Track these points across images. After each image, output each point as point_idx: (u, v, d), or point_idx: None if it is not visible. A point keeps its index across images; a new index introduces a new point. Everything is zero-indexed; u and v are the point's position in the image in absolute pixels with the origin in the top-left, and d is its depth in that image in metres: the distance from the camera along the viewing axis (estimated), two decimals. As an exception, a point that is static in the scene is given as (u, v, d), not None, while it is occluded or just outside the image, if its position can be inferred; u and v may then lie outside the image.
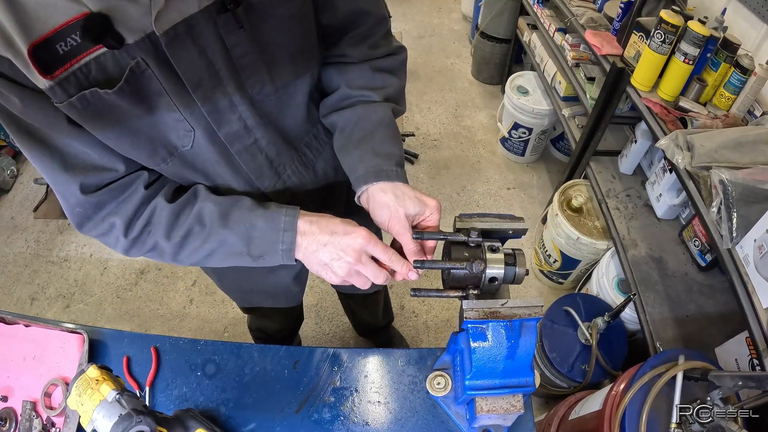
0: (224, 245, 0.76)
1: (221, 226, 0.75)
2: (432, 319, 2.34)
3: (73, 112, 0.62)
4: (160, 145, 0.73)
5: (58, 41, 0.56)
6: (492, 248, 0.76)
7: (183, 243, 0.76)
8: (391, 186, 0.78)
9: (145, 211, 0.76)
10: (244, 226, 0.75)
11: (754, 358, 1.25)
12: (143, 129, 0.69)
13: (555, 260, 2.27)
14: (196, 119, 0.71)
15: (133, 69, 0.61)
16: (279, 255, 0.75)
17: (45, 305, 2.41)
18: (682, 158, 1.41)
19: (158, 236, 0.76)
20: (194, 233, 0.76)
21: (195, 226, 0.76)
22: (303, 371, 1.00)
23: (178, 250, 0.77)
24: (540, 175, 3.04)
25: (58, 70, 0.58)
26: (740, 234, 1.21)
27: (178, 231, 0.76)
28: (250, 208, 0.77)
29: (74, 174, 0.70)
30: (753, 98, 1.51)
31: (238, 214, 0.76)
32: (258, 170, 0.84)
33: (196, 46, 0.64)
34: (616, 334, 1.71)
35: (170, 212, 0.76)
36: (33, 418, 0.96)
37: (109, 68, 0.61)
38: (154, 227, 0.76)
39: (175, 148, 0.74)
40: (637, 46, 1.76)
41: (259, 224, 0.75)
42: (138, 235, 0.76)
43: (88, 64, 0.59)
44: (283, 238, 0.74)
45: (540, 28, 2.70)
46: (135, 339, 1.04)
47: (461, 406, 0.92)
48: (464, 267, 0.75)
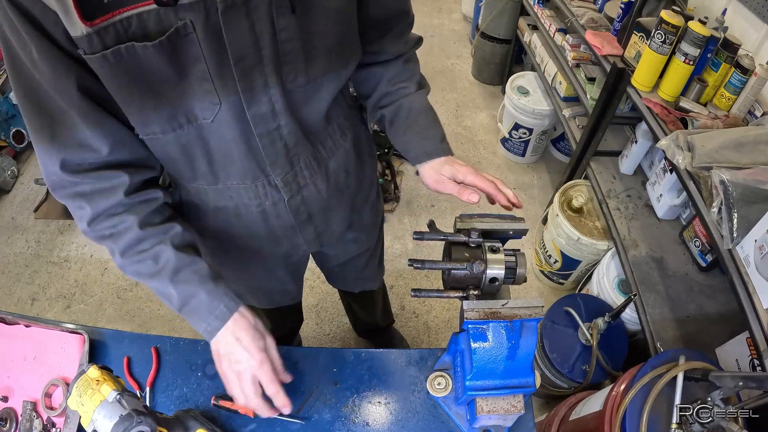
0: (165, 291, 0.78)
1: (169, 278, 0.77)
2: (432, 319, 2.34)
3: (102, 66, 0.62)
4: (181, 111, 0.71)
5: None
6: (492, 249, 0.76)
7: (133, 265, 0.79)
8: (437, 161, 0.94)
9: (114, 219, 0.78)
10: (187, 291, 0.77)
11: (755, 359, 1.25)
12: (168, 93, 0.68)
13: (555, 261, 2.27)
14: (227, 93, 0.71)
15: (178, 29, 0.61)
16: (202, 328, 0.78)
17: (45, 305, 2.41)
18: (682, 158, 1.41)
19: (116, 247, 0.78)
20: (146, 265, 0.78)
21: (149, 261, 0.78)
22: (303, 372, 1.00)
23: (126, 265, 0.80)
24: (540, 175, 3.04)
25: (98, 18, 0.58)
26: (741, 234, 1.20)
27: (134, 256, 0.78)
28: (202, 278, 0.78)
29: (59, 148, 0.70)
30: (753, 98, 1.51)
31: (188, 275, 0.78)
32: (274, 156, 0.84)
33: (248, 20, 0.65)
34: (616, 335, 1.71)
35: (134, 237, 0.78)
36: (33, 418, 0.96)
37: (151, 26, 0.60)
38: (116, 238, 0.78)
39: (195, 117, 0.73)
40: (638, 46, 1.76)
41: (201, 298, 0.77)
42: (99, 232, 0.78)
43: (129, 18, 0.59)
44: (211, 321, 0.77)
45: (540, 29, 2.70)
46: (135, 339, 1.04)
47: (462, 407, 0.92)
48: (465, 267, 0.75)
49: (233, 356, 0.77)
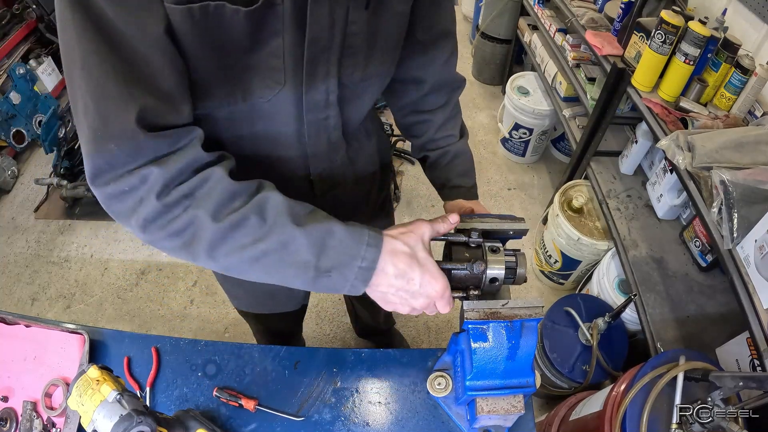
0: (286, 248, 0.61)
1: (291, 223, 0.61)
2: (432, 319, 2.34)
3: (184, 21, 0.56)
4: (241, 86, 0.67)
5: None
6: (493, 249, 0.76)
7: (230, 232, 0.60)
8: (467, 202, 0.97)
9: (194, 178, 0.60)
10: (319, 230, 0.62)
11: (755, 359, 1.25)
12: (236, 64, 0.64)
13: (556, 261, 2.27)
14: (293, 74, 0.68)
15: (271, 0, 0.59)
16: (353, 272, 0.64)
17: (46, 305, 2.41)
18: (682, 159, 1.41)
19: (201, 211, 0.59)
20: (249, 224, 0.60)
21: (252, 216, 0.61)
22: (304, 372, 1.00)
23: (220, 240, 0.60)
24: (540, 175, 3.04)
25: None
26: (741, 234, 1.20)
27: (231, 214, 0.60)
28: (326, 215, 0.66)
29: (136, 92, 0.56)
30: (754, 98, 1.51)
31: (311, 216, 0.64)
32: (316, 148, 0.83)
33: (330, 5, 0.64)
34: (616, 335, 1.71)
35: (226, 188, 0.61)
36: (33, 418, 0.96)
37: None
38: (199, 201, 0.60)
39: (252, 95, 0.69)
40: (638, 46, 1.76)
41: (338, 232, 0.63)
42: (174, 202, 0.59)
43: None
44: (365, 254, 0.63)
45: (540, 29, 2.69)
46: (135, 339, 1.04)
47: (462, 407, 0.92)
48: (465, 268, 0.75)
49: (412, 283, 0.67)
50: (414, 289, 0.68)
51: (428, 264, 0.68)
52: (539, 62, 2.73)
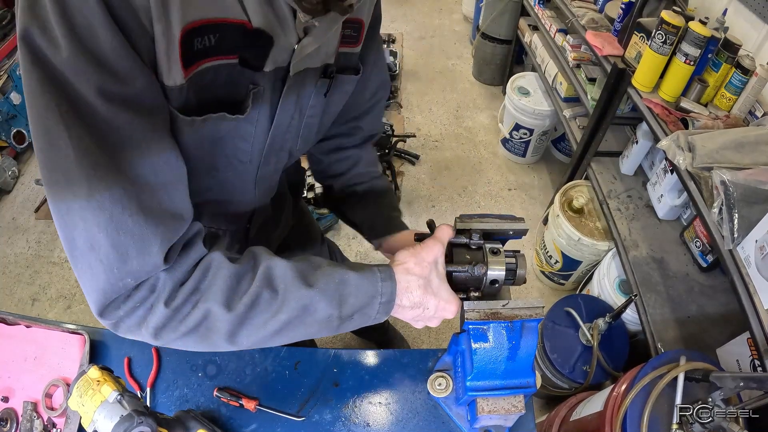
0: (306, 311, 0.60)
1: (303, 286, 0.59)
2: (433, 319, 2.34)
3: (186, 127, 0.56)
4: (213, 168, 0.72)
5: (199, 35, 0.51)
6: (493, 250, 0.77)
7: (247, 316, 0.57)
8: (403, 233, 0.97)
9: (196, 272, 0.57)
10: (333, 284, 0.61)
11: (756, 359, 1.24)
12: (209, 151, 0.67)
13: (556, 261, 2.27)
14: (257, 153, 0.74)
15: (255, 94, 0.62)
16: (375, 309, 0.64)
17: (46, 306, 2.41)
18: (683, 159, 1.41)
19: (212, 304, 0.55)
20: (263, 301, 0.57)
21: (264, 292, 0.58)
22: (304, 372, 1.00)
23: (239, 325, 0.57)
24: (541, 175, 3.04)
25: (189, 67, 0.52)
26: (741, 235, 1.20)
27: (243, 298, 0.57)
28: (331, 265, 0.64)
29: (157, 222, 0.51)
30: (754, 99, 1.51)
31: (319, 271, 0.62)
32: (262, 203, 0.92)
33: (296, 94, 0.69)
34: (617, 335, 1.71)
35: (231, 273, 0.57)
36: (34, 418, 0.96)
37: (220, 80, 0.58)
38: (207, 294, 0.56)
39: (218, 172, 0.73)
40: (638, 46, 1.76)
41: (351, 278, 0.62)
42: (182, 303, 0.55)
43: (207, 70, 0.55)
44: (382, 290, 0.64)
45: (541, 29, 2.70)
46: (136, 340, 1.04)
47: (462, 407, 0.92)
48: (466, 270, 0.75)
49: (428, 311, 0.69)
50: (429, 315, 0.71)
51: (442, 292, 0.70)
52: (540, 62, 2.73)
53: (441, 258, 0.71)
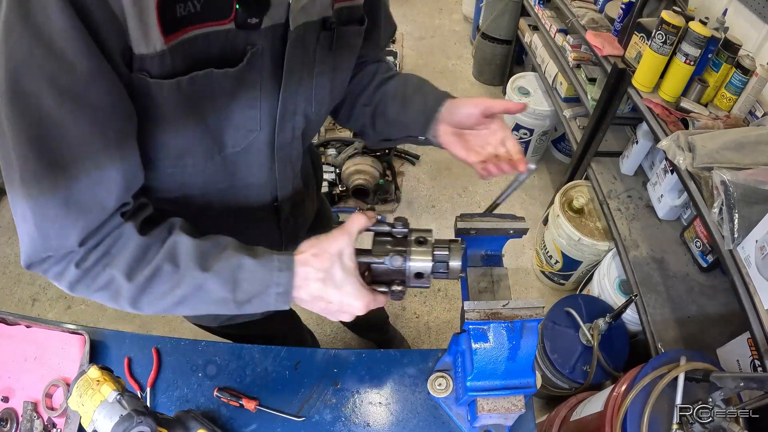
0: (201, 290, 0.62)
1: (200, 267, 0.61)
2: (433, 320, 2.34)
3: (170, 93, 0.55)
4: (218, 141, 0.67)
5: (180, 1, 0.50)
6: (419, 240, 0.71)
7: (147, 286, 0.61)
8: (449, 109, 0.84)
9: (108, 238, 0.60)
10: (228, 268, 0.62)
11: (756, 359, 1.24)
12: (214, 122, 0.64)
13: (556, 261, 2.27)
14: (268, 120, 0.72)
15: (254, 53, 0.60)
16: (272, 298, 0.64)
17: (46, 306, 2.41)
18: (683, 159, 1.41)
19: (117, 271, 0.59)
20: (163, 273, 0.60)
21: (165, 266, 0.60)
22: (304, 372, 1.00)
23: (139, 294, 0.61)
24: (541, 176, 3.04)
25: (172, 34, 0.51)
26: (742, 235, 1.20)
27: (144, 270, 0.60)
28: (236, 248, 0.65)
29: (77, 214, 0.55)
30: (754, 99, 1.51)
31: (222, 254, 0.63)
32: (283, 179, 0.86)
33: (303, 49, 0.68)
34: (617, 335, 1.71)
35: (138, 244, 0.60)
36: (34, 418, 0.96)
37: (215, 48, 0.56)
38: (114, 259, 0.60)
39: (224, 147, 0.69)
40: (639, 46, 1.76)
41: (247, 264, 0.63)
42: (92, 265, 0.60)
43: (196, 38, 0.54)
44: (278, 280, 0.63)
45: (541, 29, 2.70)
46: (136, 340, 1.04)
47: (462, 407, 0.92)
48: (382, 261, 0.69)
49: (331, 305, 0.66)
50: (334, 309, 0.67)
51: (346, 285, 0.64)
52: (540, 63, 2.73)
53: (348, 249, 0.65)
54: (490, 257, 0.91)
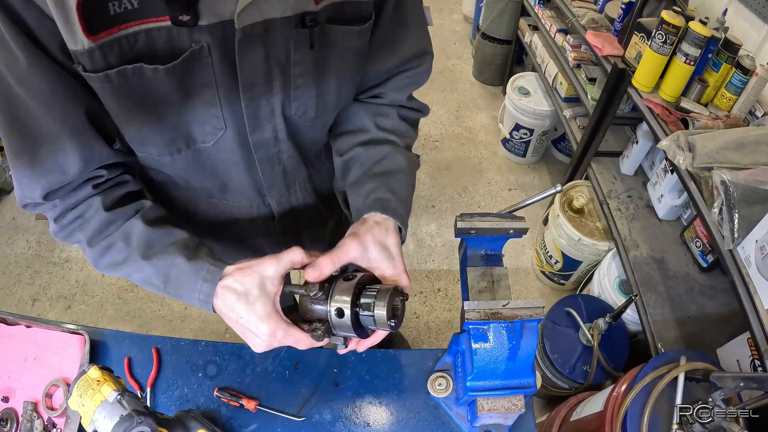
0: (142, 273, 0.69)
1: (142, 256, 0.68)
2: (433, 320, 2.34)
3: (103, 85, 0.58)
4: (180, 135, 0.69)
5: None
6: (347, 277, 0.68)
7: (103, 253, 0.71)
8: (394, 236, 0.73)
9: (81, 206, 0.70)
10: (164, 262, 0.68)
11: (756, 359, 1.24)
12: (169, 117, 0.65)
13: (556, 261, 2.27)
14: (233, 118, 0.69)
15: (194, 52, 0.58)
16: (196, 302, 0.68)
17: (46, 306, 2.41)
18: (683, 159, 1.41)
19: (83, 236, 0.71)
20: (117, 248, 0.70)
21: (119, 242, 0.70)
22: (304, 372, 1.00)
23: (98, 258, 0.72)
24: (541, 176, 3.04)
25: (103, 32, 0.53)
26: (742, 235, 1.20)
27: (102, 242, 0.70)
28: (177, 246, 0.69)
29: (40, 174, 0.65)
30: (754, 99, 1.51)
31: (163, 247, 0.69)
32: (271, 180, 0.83)
33: (264, 50, 0.63)
34: (617, 335, 1.71)
35: (101, 218, 0.70)
36: (34, 418, 0.96)
37: (160, 44, 0.56)
38: (83, 225, 0.71)
39: (194, 141, 0.70)
40: (639, 46, 1.76)
41: (179, 265, 0.67)
42: (66, 226, 0.71)
43: (137, 34, 0.55)
44: (200, 288, 0.66)
45: (541, 29, 2.70)
46: (136, 340, 1.04)
47: (462, 407, 0.92)
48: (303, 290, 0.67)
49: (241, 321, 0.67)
50: (242, 327, 0.67)
51: (258, 304, 0.65)
52: (540, 63, 2.73)
53: (273, 273, 0.66)
54: (490, 257, 0.91)
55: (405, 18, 0.78)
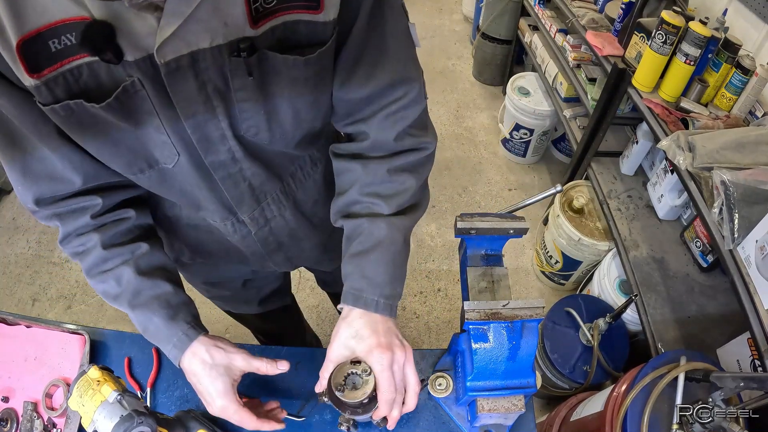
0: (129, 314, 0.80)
1: (128, 302, 0.78)
2: (433, 320, 2.34)
3: (55, 118, 0.60)
4: (141, 157, 0.70)
5: (51, 38, 0.53)
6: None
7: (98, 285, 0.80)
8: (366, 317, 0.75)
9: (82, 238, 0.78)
10: (144, 316, 0.77)
11: (756, 359, 1.24)
12: (126, 141, 0.66)
13: (556, 261, 2.27)
14: (183, 144, 0.69)
15: (126, 87, 0.58)
16: (169, 353, 0.78)
17: (46, 306, 2.41)
18: (683, 159, 1.41)
19: (83, 265, 0.79)
20: (110, 285, 0.78)
21: (112, 281, 0.78)
22: (304, 372, 1.00)
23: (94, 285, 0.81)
24: (541, 176, 3.04)
25: (46, 69, 0.55)
26: (742, 235, 1.20)
27: (98, 276, 0.79)
28: (160, 301, 0.78)
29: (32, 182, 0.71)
30: (754, 99, 1.51)
31: (147, 299, 0.78)
32: (239, 197, 0.82)
33: (197, 80, 0.61)
34: (617, 335, 1.71)
35: (98, 257, 0.78)
36: (34, 418, 0.96)
37: (103, 76, 0.57)
38: (83, 257, 0.79)
39: (156, 162, 0.71)
40: (639, 46, 1.76)
41: (156, 322, 0.77)
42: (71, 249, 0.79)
43: (80, 68, 0.56)
44: (170, 351, 0.78)
45: (541, 29, 2.70)
46: (136, 340, 1.04)
47: (462, 407, 0.92)
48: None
49: (200, 387, 0.78)
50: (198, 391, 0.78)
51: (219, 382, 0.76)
52: (540, 63, 2.73)
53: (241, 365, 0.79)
54: (490, 257, 0.91)
55: (381, 39, 0.70)
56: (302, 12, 0.60)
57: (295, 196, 0.92)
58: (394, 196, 0.79)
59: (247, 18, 0.57)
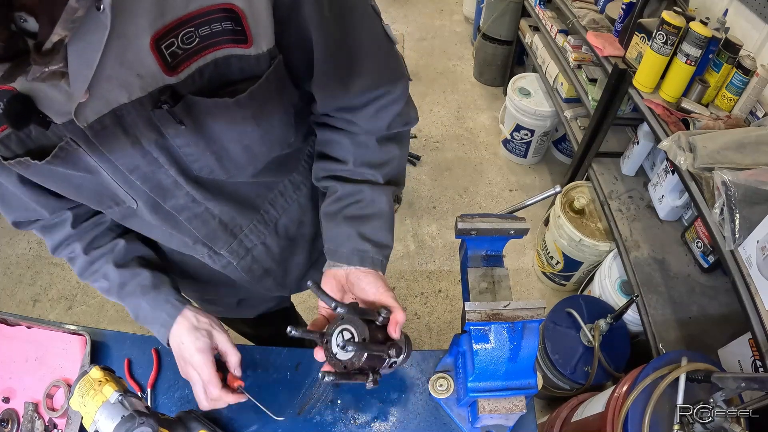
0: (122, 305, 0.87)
1: (117, 294, 0.85)
2: (434, 321, 2.34)
3: (17, 169, 0.63)
4: (105, 197, 0.71)
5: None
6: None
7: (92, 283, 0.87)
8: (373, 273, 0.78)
9: (68, 248, 0.85)
10: (133, 303, 0.84)
11: (757, 360, 1.24)
12: (87, 185, 0.67)
13: (557, 262, 2.26)
14: (137, 194, 0.69)
15: (62, 146, 0.58)
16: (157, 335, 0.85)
17: (47, 307, 2.41)
18: (684, 159, 1.41)
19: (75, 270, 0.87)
20: (101, 283, 0.86)
21: (102, 279, 0.85)
22: (305, 373, 1.00)
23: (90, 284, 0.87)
24: (542, 176, 3.04)
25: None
26: (743, 235, 1.20)
27: (90, 277, 0.86)
28: (143, 288, 0.84)
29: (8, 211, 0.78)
30: (755, 99, 1.51)
31: (132, 289, 0.84)
32: (211, 234, 0.81)
33: (129, 136, 0.59)
34: (618, 336, 1.71)
35: (84, 262, 0.85)
36: (35, 419, 0.96)
37: (40, 138, 0.59)
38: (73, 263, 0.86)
39: (122, 201, 0.71)
40: (639, 47, 1.76)
41: (144, 307, 0.84)
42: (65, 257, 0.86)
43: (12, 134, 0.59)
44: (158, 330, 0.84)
45: (542, 30, 2.70)
46: (136, 341, 1.04)
47: (463, 408, 0.92)
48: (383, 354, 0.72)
49: (181, 360, 0.82)
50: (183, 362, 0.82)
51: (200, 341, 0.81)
52: (540, 63, 2.73)
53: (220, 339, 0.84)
54: (491, 258, 0.91)
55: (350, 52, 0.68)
56: (232, 46, 0.56)
57: (277, 222, 0.91)
58: (384, 165, 0.81)
59: (160, 66, 0.54)
